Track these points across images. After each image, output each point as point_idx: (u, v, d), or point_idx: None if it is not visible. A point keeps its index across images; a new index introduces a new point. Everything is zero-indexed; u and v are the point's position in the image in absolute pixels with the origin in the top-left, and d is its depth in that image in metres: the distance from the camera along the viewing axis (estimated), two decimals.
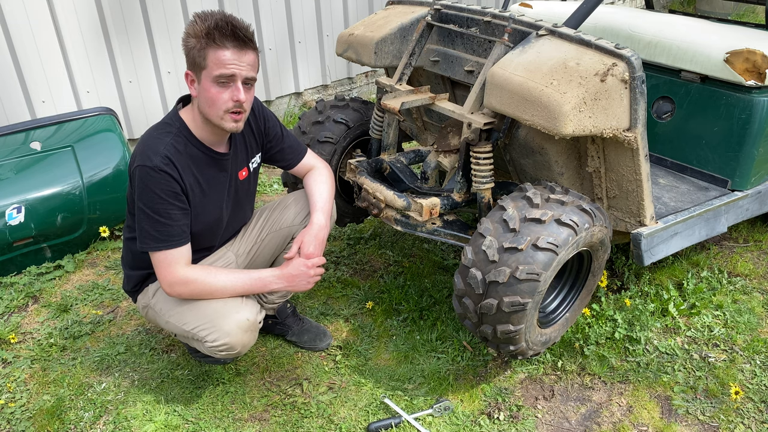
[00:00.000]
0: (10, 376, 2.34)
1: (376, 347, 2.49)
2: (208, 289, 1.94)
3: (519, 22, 2.19)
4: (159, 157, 1.82)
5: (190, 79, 1.85)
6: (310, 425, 2.13)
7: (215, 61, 1.77)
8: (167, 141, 1.86)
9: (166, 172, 1.83)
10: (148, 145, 1.86)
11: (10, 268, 2.89)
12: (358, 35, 2.55)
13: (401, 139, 3.00)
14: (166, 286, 1.93)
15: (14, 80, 3.33)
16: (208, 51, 1.77)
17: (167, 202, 1.85)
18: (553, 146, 2.16)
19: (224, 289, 1.95)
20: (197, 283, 1.92)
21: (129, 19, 3.64)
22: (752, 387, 2.27)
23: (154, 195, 1.83)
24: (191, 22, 1.80)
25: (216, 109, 1.84)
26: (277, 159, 2.26)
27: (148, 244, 1.88)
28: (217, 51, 1.76)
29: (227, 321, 1.93)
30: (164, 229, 1.86)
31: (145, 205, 1.85)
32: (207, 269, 1.98)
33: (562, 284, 2.33)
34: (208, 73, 1.79)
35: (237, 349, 1.97)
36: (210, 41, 1.76)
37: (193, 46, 1.78)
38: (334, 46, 4.73)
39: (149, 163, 1.82)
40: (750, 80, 2.47)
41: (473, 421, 2.14)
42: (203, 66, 1.79)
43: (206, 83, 1.81)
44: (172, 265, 1.90)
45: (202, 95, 1.84)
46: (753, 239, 3.14)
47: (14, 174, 2.87)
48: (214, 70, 1.78)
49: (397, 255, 3.05)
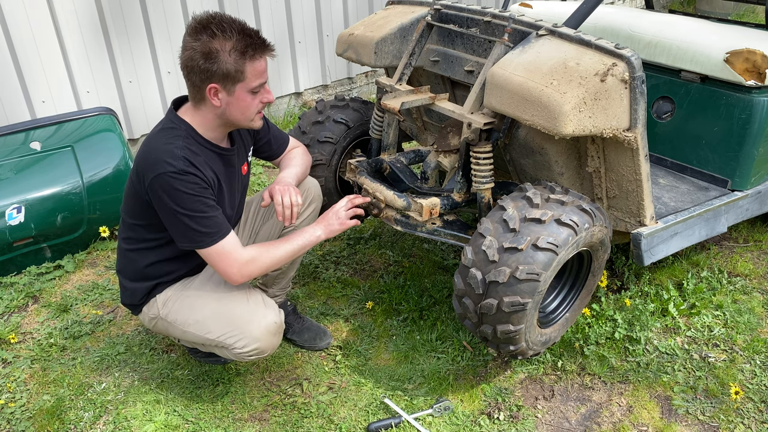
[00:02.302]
0: (10, 376, 2.34)
1: (376, 347, 2.49)
2: (275, 259, 1.97)
3: (519, 22, 2.19)
4: (179, 161, 1.81)
5: (215, 91, 1.82)
6: (310, 425, 2.13)
7: (254, 73, 1.81)
8: (180, 144, 1.85)
9: (191, 173, 1.82)
10: (162, 152, 1.82)
11: (10, 268, 2.89)
12: (358, 35, 2.55)
13: (401, 139, 3.00)
14: (236, 272, 1.91)
15: (14, 80, 3.33)
16: (245, 65, 1.79)
17: (203, 197, 1.84)
18: (553, 146, 2.16)
19: (286, 255, 1.99)
20: (262, 258, 1.94)
21: (129, 19, 3.64)
22: (752, 387, 2.27)
23: (188, 195, 1.82)
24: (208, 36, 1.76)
25: (249, 113, 1.89)
26: (264, 150, 2.26)
27: (202, 241, 1.87)
28: (254, 63, 1.80)
29: (255, 326, 1.95)
30: (211, 222, 1.86)
31: (182, 208, 1.82)
32: (260, 247, 1.98)
33: (562, 284, 2.33)
34: (246, 85, 1.82)
35: (267, 351, 2.00)
36: (245, 55, 1.78)
37: (225, 61, 1.76)
38: (334, 46, 4.73)
39: (171, 168, 1.79)
40: (750, 80, 2.47)
41: (473, 421, 2.14)
42: (240, 79, 1.80)
43: (242, 94, 1.84)
44: (234, 252, 1.90)
45: (234, 105, 1.85)
46: (753, 239, 3.14)
47: (14, 174, 2.87)
48: (254, 81, 1.82)
49: (397, 255, 3.05)
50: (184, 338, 2.07)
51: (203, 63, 1.76)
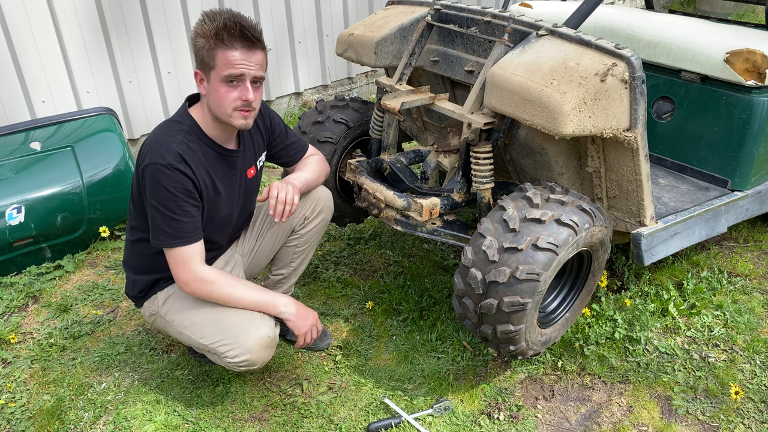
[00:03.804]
0: (10, 376, 2.34)
1: (376, 347, 2.49)
2: (224, 296, 1.94)
3: (519, 22, 2.19)
4: (172, 155, 1.82)
5: (200, 78, 1.86)
6: (310, 425, 2.13)
7: (224, 61, 1.78)
8: (179, 139, 1.86)
9: (179, 170, 1.82)
10: (160, 143, 1.85)
11: (10, 268, 2.89)
12: (358, 35, 2.55)
13: (401, 139, 3.00)
14: (182, 284, 1.92)
15: (14, 80, 3.33)
16: (217, 51, 1.77)
17: (181, 199, 1.84)
18: (553, 146, 2.16)
19: (239, 301, 1.96)
20: (215, 285, 1.92)
21: (129, 19, 3.64)
22: (752, 387, 2.27)
23: (167, 192, 1.83)
24: (200, 21, 1.80)
25: (225, 107, 1.85)
26: (281, 156, 2.27)
27: (163, 241, 1.88)
28: (225, 51, 1.77)
29: (249, 338, 1.93)
30: (178, 225, 1.86)
31: (158, 203, 1.84)
32: (226, 275, 1.97)
33: (562, 284, 2.33)
34: (217, 72, 1.80)
35: (257, 364, 1.98)
36: (219, 41, 1.76)
37: (202, 46, 1.78)
38: (334, 46, 4.73)
39: (162, 160, 1.81)
40: (750, 80, 2.47)
41: (473, 421, 2.14)
42: (212, 66, 1.80)
43: (215, 83, 1.82)
44: (188, 262, 1.89)
45: (212, 94, 1.85)
46: (753, 239, 3.14)
47: (14, 174, 2.87)
48: (223, 70, 1.79)
49: (397, 255, 3.05)
50: (180, 339, 2.07)
51: (192, 47, 1.82)
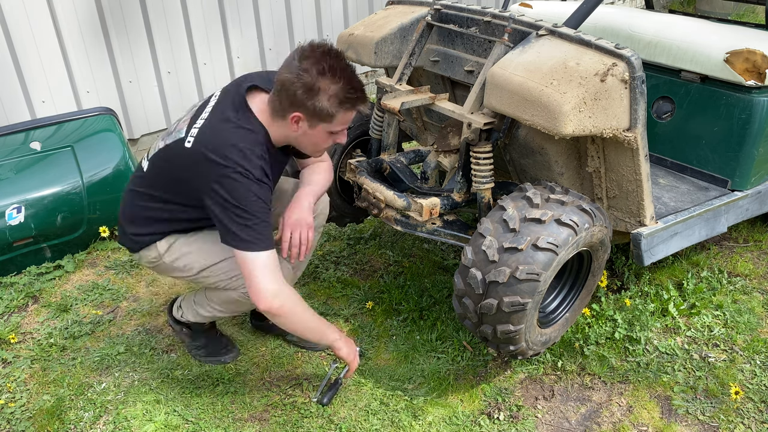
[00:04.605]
0: (10, 376, 2.34)
1: (376, 347, 2.49)
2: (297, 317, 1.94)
3: (519, 22, 2.19)
4: (258, 170, 1.82)
5: (297, 119, 1.83)
6: (310, 425, 2.13)
7: (342, 121, 1.86)
8: (259, 153, 1.84)
9: (265, 183, 1.84)
10: (243, 149, 1.80)
11: (10, 268, 2.89)
12: (358, 35, 2.55)
13: (401, 139, 3.00)
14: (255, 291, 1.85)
15: (14, 80, 3.33)
16: (339, 113, 1.82)
17: (261, 202, 1.83)
18: (553, 146, 2.16)
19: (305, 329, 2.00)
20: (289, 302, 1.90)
21: (129, 19, 3.64)
22: (752, 387, 2.27)
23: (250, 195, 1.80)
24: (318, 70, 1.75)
25: (319, 148, 1.96)
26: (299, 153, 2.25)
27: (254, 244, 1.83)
28: (347, 113, 1.85)
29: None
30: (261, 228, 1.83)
31: (239, 204, 1.80)
32: (299, 298, 1.95)
33: (562, 284, 2.33)
34: (330, 127, 1.85)
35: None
36: (343, 105, 1.80)
37: (323, 102, 1.78)
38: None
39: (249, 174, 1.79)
40: (750, 80, 2.47)
41: (473, 421, 2.14)
42: (328, 121, 1.83)
43: (321, 132, 1.87)
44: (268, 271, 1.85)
45: (311, 137, 1.89)
46: (753, 239, 3.14)
47: (14, 174, 2.87)
48: (337, 126, 1.86)
49: (397, 255, 3.05)
50: (195, 280, 2.10)
51: (301, 93, 1.77)
